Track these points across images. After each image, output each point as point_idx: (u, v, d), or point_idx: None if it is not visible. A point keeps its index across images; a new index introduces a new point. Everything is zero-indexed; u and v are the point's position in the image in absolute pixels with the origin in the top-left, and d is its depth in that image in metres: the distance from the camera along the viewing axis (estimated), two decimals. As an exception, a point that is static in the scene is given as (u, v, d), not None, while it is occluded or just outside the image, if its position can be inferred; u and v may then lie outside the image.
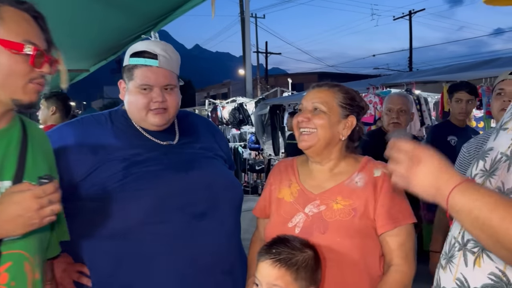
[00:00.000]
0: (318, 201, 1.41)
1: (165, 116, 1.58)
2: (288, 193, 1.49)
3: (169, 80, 1.57)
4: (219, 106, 10.61)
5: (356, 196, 1.38)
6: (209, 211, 1.55)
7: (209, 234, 1.53)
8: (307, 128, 1.42)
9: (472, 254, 1.00)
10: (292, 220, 1.42)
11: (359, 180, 1.41)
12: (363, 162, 1.47)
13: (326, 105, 1.42)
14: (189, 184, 1.54)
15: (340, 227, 1.34)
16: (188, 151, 1.64)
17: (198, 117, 1.90)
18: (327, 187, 1.43)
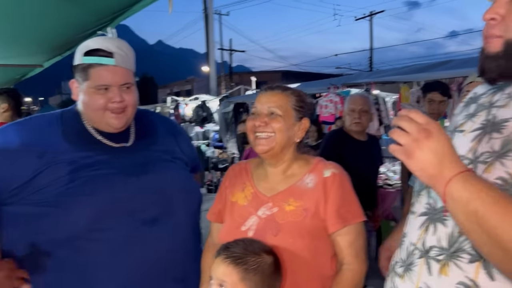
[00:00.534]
0: (271, 203, 1.42)
1: (124, 117, 1.53)
2: (242, 197, 1.49)
3: (127, 79, 1.51)
4: (182, 104, 10.48)
5: (307, 197, 1.40)
6: (161, 217, 1.50)
7: (161, 240, 1.49)
8: (264, 132, 1.42)
9: (437, 262, 0.98)
10: (246, 224, 1.42)
11: (310, 181, 1.42)
12: (314, 163, 1.48)
13: (281, 108, 1.42)
14: (140, 189, 1.49)
15: (292, 228, 1.35)
16: (142, 153, 1.58)
17: (157, 117, 1.84)
18: (279, 189, 1.44)
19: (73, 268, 1.42)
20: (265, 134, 1.41)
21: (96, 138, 1.55)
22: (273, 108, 1.42)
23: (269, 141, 1.41)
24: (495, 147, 0.95)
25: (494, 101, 1.06)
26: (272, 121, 1.41)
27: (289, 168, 1.47)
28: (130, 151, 1.57)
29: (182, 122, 10.36)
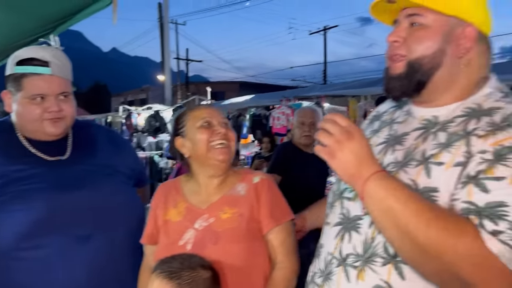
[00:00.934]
0: (207, 214, 1.45)
1: (62, 125, 1.48)
2: (175, 213, 1.49)
3: (64, 88, 1.48)
4: (134, 113, 10.25)
5: (241, 203, 1.45)
6: (96, 234, 1.46)
7: (94, 258, 1.45)
8: (225, 141, 1.46)
9: (354, 269, 1.05)
10: (183, 238, 1.42)
11: (241, 189, 1.49)
12: (243, 174, 1.55)
13: (228, 121, 1.52)
14: (74, 204, 1.44)
15: (231, 234, 1.39)
16: (79, 167, 1.53)
17: (99, 129, 1.79)
18: (213, 199, 1.48)
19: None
20: (225, 143, 1.46)
21: (31, 151, 1.49)
22: (224, 120, 1.50)
23: (229, 150, 1.47)
24: (398, 158, 1.08)
25: (395, 117, 1.21)
26: (229, 132, 1.48)
27: (224, 179, 1.51)
28: (66, 164, 1.52)
29: (134, 132, 10.12)
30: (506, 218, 0.85)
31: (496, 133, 0.93)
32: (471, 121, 0.99)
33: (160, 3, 16.96)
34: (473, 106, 1.03)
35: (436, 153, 0.99)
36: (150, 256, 1.54)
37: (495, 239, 0.84)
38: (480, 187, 0.89)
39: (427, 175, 0.98)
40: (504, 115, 0.96)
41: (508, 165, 0.88)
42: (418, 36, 1.04)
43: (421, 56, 1.04)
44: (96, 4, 2.42)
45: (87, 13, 2.57)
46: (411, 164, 1.02)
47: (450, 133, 1.01)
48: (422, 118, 1.10)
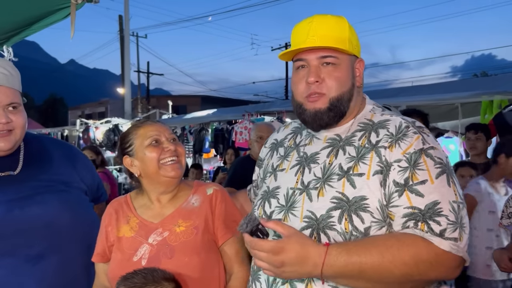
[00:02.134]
0: (161, 229, 1.44)
1: (11, 139, 1.41)
2: (128, 229, 1.47)
3: (12, 98, 1.41)
4: (92, 127, 9.98)
5: (195, 216, 1.45)
6: (48, 252, 1.40)
7: (46, 279, 1.38)
8: (175, 157, 1.46)
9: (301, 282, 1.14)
10: (137, 254, 1.41)
11: (195, 201, 1.49)
12: (195, 185, 1.56)
13: (174, 135, 1.52)
14: (24, 223, 1.38)
15: (186, 247, 1.38)
16: (29, 184, 1.46)
17: (53, 143, 1.72)
18: (166, 213, 1.47)
19: None
20: (175, 159, 1.45)
21: None
22: (171, 135, 1.49)
23: (180, 165, 1.47)
24: (317, 174, 1.22)
25: (298, 142, 1.36)
26: (177, 147, 1.47)
27: (175, 193, 1.51)
28: (16, 180, 1.45)
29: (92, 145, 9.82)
30: (442, 213, 1.06)
31: (399, 143, 1.13)
32: (371, 134, 1.20)
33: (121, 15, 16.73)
34: (365, 121, 1.25)
35: (353, 165, 1.16)
36: (101, 274, 1.49)
37: (443, 240, 1.04)
38: (414, 192, 1.08)
39: (352, 186, 1.13)
40: (395, 127, 1.18)
41: (422, 168, 1.09)
42: (336, 77, 1.21)
43: (342, 93, 1.22)
44: (53, 16, 2.34)
45: (43, 24, 2.48)
46: (333, 178, 1.17)
47: (357, 146, 1.19)
48: (326, 138, 1.27)
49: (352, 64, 1.25)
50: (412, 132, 1.14)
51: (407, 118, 1.22)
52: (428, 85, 5.96)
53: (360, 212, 1.09)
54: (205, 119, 7.57)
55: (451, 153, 5.07)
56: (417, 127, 1.17)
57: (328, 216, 1.12)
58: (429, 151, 1.11)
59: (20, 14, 2.30)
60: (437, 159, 1.11)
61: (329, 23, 1.22)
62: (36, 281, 1.36)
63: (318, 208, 1.14)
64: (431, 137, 1.17)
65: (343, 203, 1.12)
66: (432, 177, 1.08)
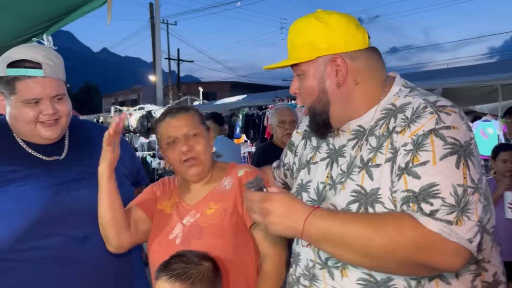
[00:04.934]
0: (194, 211, 1.49)
1: (58, 128, 1.46)
2: (168, 206, 1.54)
3: (58, 90, 1.45)
4: (126, 114, 10.19)
5: (226, 198, 1.48)
6: (94, 235, 1.44)
7: (93, 258, 1.45)
8: (191, 156, 1.47)
9: (336, 269, 1.14)
10: (173, 232, 1.47)
11: (227, 184, 1.52)
12: (229, 168, 1.58)
13: (196, 128, 1.51)
14: (71, 206, 1.43)
15: (214, 229, 1.41)
16: (76, 168, 1.52)
17: (95, 127, 1.76)
18: (201, 196, 1.51)
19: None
20: (193, 159, 1.47)
21: (27, 151, 1.47)
22: (190, 130, 1.48)
23: (199, 162, 1.48)
24: (343, 168, 1.19)
25: None
26: (195, 144, 1.47)
27: (209, 177, 1.55)
28: (62, 164, 1.50)
29: (126, 132, 10.06)
30: (439, 195, 0.96)
31: (410, 126, 1.06)
32: (390, 120, 1.13)
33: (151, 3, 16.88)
34: (388, 106, 1.17)
35: (372, 156, 1.12)
36: (131, 209, 1.51)
37: (432, 219, 0.95)
38: (412, 175, 1.01)
39: (370, 178, 1.10)
40: (413, 109, 1.09)
41: (427, 149, 1.01)
42: (304, 87, 1.20)
43: (312, 103, 1.20)
44: (90, 4, 2.40)
45: (80, 13, 2.55)
46: (355, 171, 1.14)
47: (378, 136, 1.13)
48: (350, 130, 1.22)
49: (322, 66, 1.16)
50: (428, 113, 1.05)
51: (431, 97, 1.11)
52: (465, 67, 5.75)
53: (375, 204, 1.06)
54: (235, 104, 7.60)
55: (489, 137, 4.90)
56: (437, 106, 1.06)
57: (347, 210, 1.11)
58: (441, 131, 1.01)
59: (59, 3, 2.37)
60: (449, 139, 1.00)
61: (292, 32, 1.22)
62: (83, 260, 1.42)
63: (339, 202, 1.14)
64: (454, 116, 1.05)
65: (361, 196, 1.10)
66: (435, 158, 0.99)
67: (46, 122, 1.43)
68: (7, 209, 1.34)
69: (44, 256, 1.37)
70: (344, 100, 1.18)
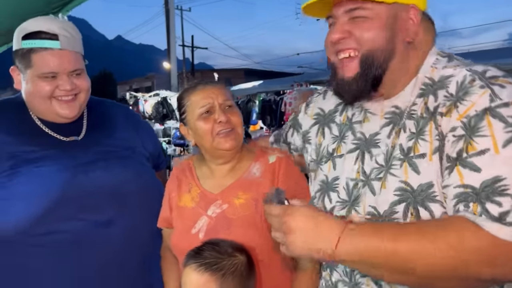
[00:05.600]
0: (220, 200, 1.35)
1: (76, 105, 1.38)
2: (189, 199, 1.40)
3: (76, 64, 1.36)
4: (141, 100, 10.18)
5: (256, 187, 1.33)
6: (116, 218, 1.37)
7: (115, 243, 1.36)
8: (228, 128, 1.33)
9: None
10: (196, 226, 1.33)
11: (256, 171, 1.37)
12: (258, 152, 1.43)
13: (231, 99, 1.39)
14: (91, 188, 1.35)
15: (245, 222, 1.29)
16: (95, 148, 1.43)
17: (115, 107, 1.67)
18: (227, 184, 1.37)
19: (10, 273, 1.28)
20: (229, 130, 1.33)
21: (44, 130, 1.39)
22: (227, 101, 1.36)
23: (236, 135, 1.34)
24: (380, 162, 1.01)
25: (351, 117, 1.13)
26: (231, 115, 1.34)
27: (236, 161, 1.40)
28: (81, 145, 1.42)
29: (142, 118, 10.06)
30: (507, 193, 0.79)
31: (457, 106, 0.89)
32: (429, 98, 0.96)
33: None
34: (426, 81, 1.00)
35: (413, 145, 0.95)
36: (167, 239, 1.45)
37: (503, 225, 0.78)
38: (469, 166, 0.84)
39: (415, 172, 0.93)
40: (457, 83, 0.92)
41: (484, 134, 0.84)
42: (366, 27, 0.98)
43: (373, 47, 0.99)
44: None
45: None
46: (395, 164, 0.97)
47: (416, 118, 0.97)
48: (383, 112, 1.04)
49: (394, 15, 0.98)
50: (478, 87, 0.88)
51: (477, 67, 0.94)
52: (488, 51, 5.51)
53: (429, 203, 0.90)
54: (252, 90, 7.50)
55: None
56: (488, 78, 0.89)
57: (392, 211, 0.95)
58: (499, 110, 0.84)
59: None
60: (510, 120, 0.83)
61: None
62: (105, 245, 1.35)
63: (381, 203, 0.97)
64: (510, 88, 0.87)
65: (407, 195, 0.93)
66: (497, 145, 0.82)
67: (63, 98, 1.35)
68: (23, 191, 1.27)
69: (62, 240, 1.30)
70: (403, 61, 1.00)
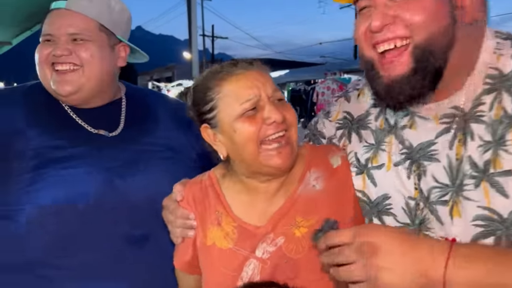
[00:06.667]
0: (272, 234, 0.96)
1: (73, 80, 1.12)
2: (221, 236, 1.00)
3: (78, 28, 1.12)
4: (164, 90, 10.10)
5: (320, 205, 0.97)
6: (153, 234, 1.13)
7: (150, 266, 1.12)
8: (281, 130, 0.94)
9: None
10: (243, 275, 0.96)
11: (315, 181, 1.00)
12: (309, 153, 1.04)
13: (280, 91, 1.02)
14: (126, 196, 1.11)
15: (316, 260, 0.88)
16: (132, 147, 1.19)
17: (158, 99, 1.40)
18: (275, 207, 0.98)
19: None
20: (284, 137, 0.95)
21: (73, 119, 1.16)
22: (277, 92, 0.98)
23: (290, 147, 0.95)
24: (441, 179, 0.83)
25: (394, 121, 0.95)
26: (286, 111, 0.95)
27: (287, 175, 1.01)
28: (116, 142, 1.17)
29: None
30: None
31: None
32: (503, 95, 0.76)
33: (188, -24, 16.56)
34: (492, 72, 0.79)
35: (492, 157, 0.76)
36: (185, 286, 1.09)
37: None
38: None
39: (502, 195, 0.74)
40: None
41: None
42: (418, 8, 0.76)
43: (431, 36, 0.77)
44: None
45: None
46: (468, 184, 0.78)
47: (489, 122, 0.77)
48: (438, 115, 0.84)
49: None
50: None
51: None
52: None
53: None
54: (279, 80, 7.22)
55: None
56: None
57: None
58: None
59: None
60: None
61: None
62: (140, 268, 1.11)
63: (457, 234, 0.79)
64: None
65: (495, 225, 0.75)
66: None
67: (59, 68, 1.12)
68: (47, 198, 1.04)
69: (91, 260, 1.06)
70: (465, 48, 0.79)
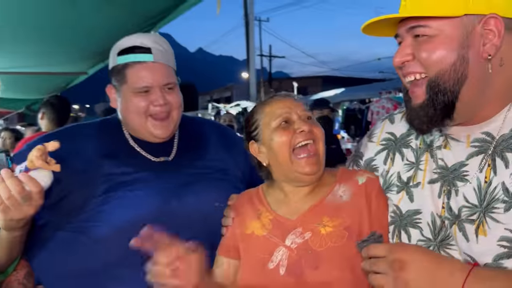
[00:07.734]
0: (300, 228, 1.13)
1: (170, 124, 1.33)
2: (259, 226, 1.19)
3: (168, 78, 1.33)
4: (223, 110, 10.42)
5: (345, 213, 1.12)
6: (209, 251, 1.26)
7: None
8: (310, 141, 1.14)
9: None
10: (273, 259, 1.12)
11: (343, 194, 1.16)
12: (340, 173, 1.21)
13: (311, 113, 1.21)
14: (183, 216, 1.26)
15: (335, 255, 1.07)
16: (186, 171, 1.35)
17: (207, 125, 1.58)
18: (306, 207, 1.16)
19: None
20: (312, 147, 1.14)
21: (136, 150, 1.35)
22: (306, 111, 1.18)
23: (317, 157, 1.14)
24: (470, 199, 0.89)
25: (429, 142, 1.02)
26: (313, 126, 1.16)
27: (316, 184, 1.19)
28: (171, 167, 1.35)
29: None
30: None
31: None
32: None
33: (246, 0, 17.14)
34: None
35: None
36: (219, 267, 1.22)
37: None
38: None
39: None
40: None
41: None
42: (430, 48, 0.87)
43: (439, 74, 0.87)
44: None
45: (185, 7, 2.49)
46: (498, 207, 0.83)
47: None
48: (471, 139, 0.91)
49: (466, 29, 0.85)
50: None
51: None
52: None
53: None
54: (334, 98, 7.24)
55: None
56: None
57: (497, 265, 0.83)
58: None
59: None
60: None
61: None
62: None
63: (480, 254, 0.85)
64: None
65: None
66: None
67: (158, 116, 1.31)
68: (114, 217, 1.22)
69: None
70: (482, 83, 0.86)
